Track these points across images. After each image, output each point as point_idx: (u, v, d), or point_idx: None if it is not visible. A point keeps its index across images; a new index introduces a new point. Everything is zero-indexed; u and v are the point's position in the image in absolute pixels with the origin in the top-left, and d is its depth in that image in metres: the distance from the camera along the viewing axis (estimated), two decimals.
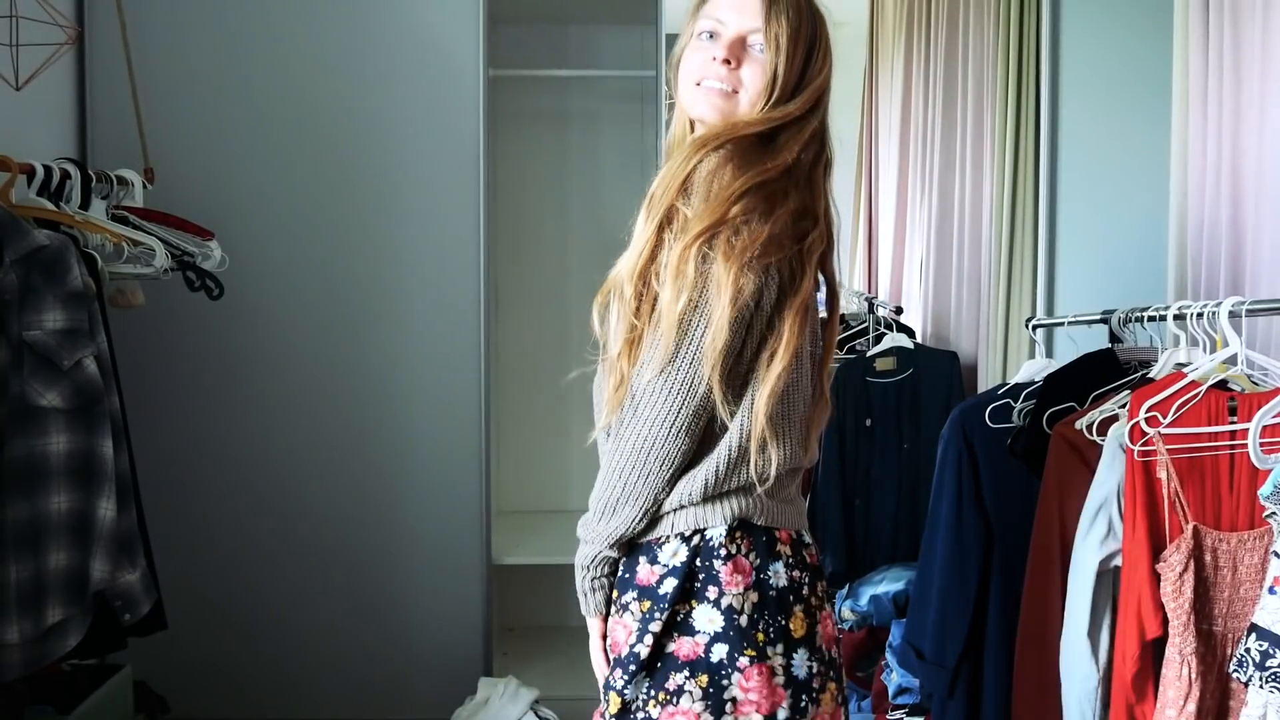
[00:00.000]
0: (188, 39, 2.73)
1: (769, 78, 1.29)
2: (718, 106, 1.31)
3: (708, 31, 1.32)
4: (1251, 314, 1.58)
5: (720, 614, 1.29)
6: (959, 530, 1.95)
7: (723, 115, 1.30)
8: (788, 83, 1.30)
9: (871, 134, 3.83)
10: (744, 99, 1.31)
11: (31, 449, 1.71)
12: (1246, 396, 1.55)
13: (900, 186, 3.57)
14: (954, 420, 2.00)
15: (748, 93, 1.30)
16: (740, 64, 1.30)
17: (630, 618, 1.31)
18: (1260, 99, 2.00)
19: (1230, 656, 1.46)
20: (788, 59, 1.29)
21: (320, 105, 2.77)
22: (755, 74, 1.30)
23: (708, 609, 1.29)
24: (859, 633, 2.84)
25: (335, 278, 2.80)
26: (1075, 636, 1.62)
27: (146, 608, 1.92)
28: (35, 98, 2.39)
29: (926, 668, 2.00)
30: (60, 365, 1.73)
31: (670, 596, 1.29)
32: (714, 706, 1.27)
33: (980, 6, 3.09)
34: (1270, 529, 1.46)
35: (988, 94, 3.06)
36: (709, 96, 1.31)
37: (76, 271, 1.78)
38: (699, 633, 1.29)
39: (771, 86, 1.29)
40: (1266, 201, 1.97)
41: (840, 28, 4.59)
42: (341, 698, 2.86)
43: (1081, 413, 1.76)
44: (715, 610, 1.29)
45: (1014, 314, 2.94)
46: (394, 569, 2.86)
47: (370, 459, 2.83)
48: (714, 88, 1.31)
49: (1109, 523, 1.60)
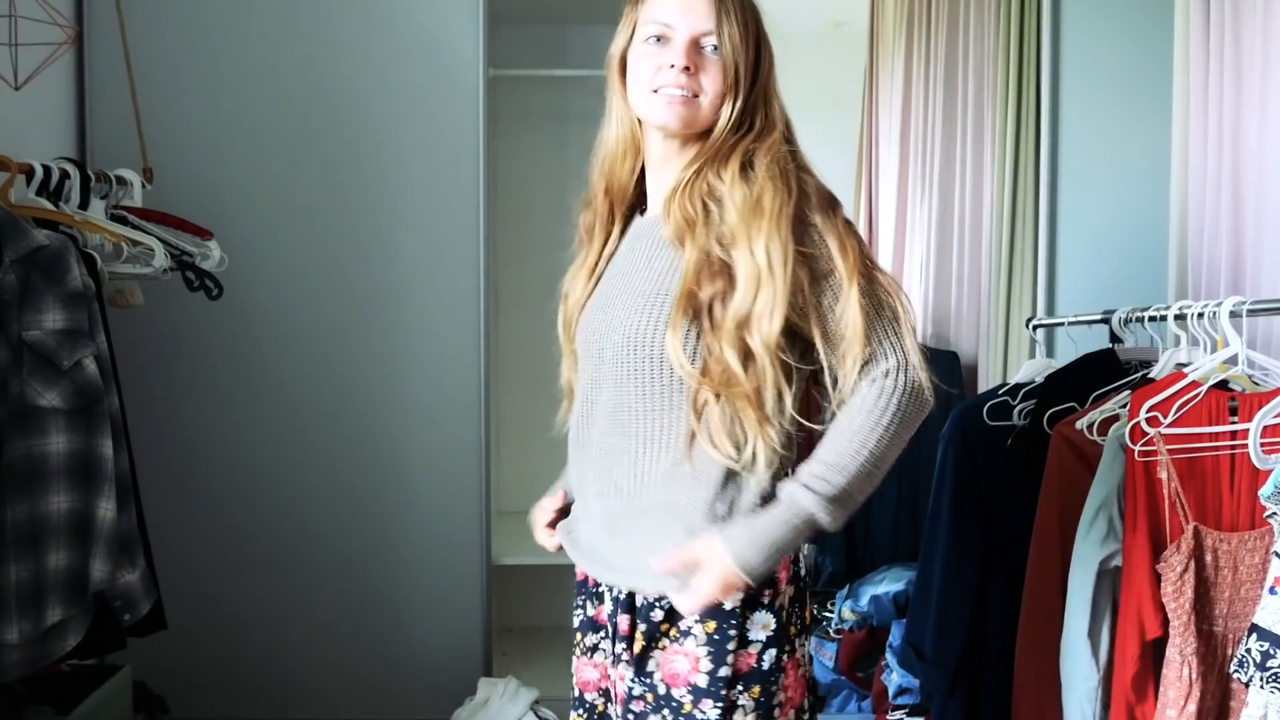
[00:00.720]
0: (187, 39, 2.73)
1: (730, 79, 1.28)
2: (680, 114, 1.29)
3: (654, 35, 1.29)
4: (1252, 314, 1.58)
5: (772, 616, 1.25)
6: (959, 530, 1.95)
7: (685, 121, 1.29)
8: (747, 81, 1.29)
9: (871, 134, 3.83)
10: (705, 103, 1.29)
11: (31, 449, 1.71)
12: (1247, 396, 1.54)
13: (900, 186, 3.57)
14: (954, 420, 2.00)
15: (709, 96, 1.29)
16: (698, 69, 1.28)
17: (694, 643, 1.24)
18: (1260, 99, 2.00)
19: (1231, 657, 1.46)
20: (745, 57, 1.29)
21: (320, 105, 2.77)
22: (714, 77, 1.28)
23: (762, 614, 1.25)
24: (859, 633, 2.84)
25: (335, 278, 2.79)
26: (1075, 636, 1.62)
27: (146, 608, 1.92)
28: (34, 97, 2.39)
29: (926, 668, 1.99)
30: (60, 365, 1.73)
31: (736, 610, 1.23)
32: (764, 715, 1.24)
33: (980, 6, 3.09)
34: (1271, 529, 1.45)
35: (988, 94, 3.06)
36: (671, 105, 1.28)
37: (76, 271, 1.78)
38: (753, 642, 1.24)
39: (735, 87, 1.28)
40: (1266, 201, 1.97)
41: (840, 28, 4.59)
42: (341, 698, 2.86)
43: (1082, 413, 1.76)
44: (769, 614, 1.25)
45: (1014, 314, 2.94)
46: (394, 569, 2.86)
47: (370, 459, 2.83)
48: (675, 95, 1.28)
49: (1109, 523, 1.59)
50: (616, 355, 1.29)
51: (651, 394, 1.27)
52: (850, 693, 2.94)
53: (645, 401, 1.28)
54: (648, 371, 1.27)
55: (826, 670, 2.97)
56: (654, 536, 1.26)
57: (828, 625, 2.93)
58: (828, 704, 2.99)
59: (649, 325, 1.27)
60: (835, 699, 2.96)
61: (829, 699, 2.99)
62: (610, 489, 1.32)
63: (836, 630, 2.90)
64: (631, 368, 1.28)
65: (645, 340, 1.27)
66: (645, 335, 1.27)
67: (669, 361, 1.25)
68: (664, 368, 1.26)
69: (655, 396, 1.27)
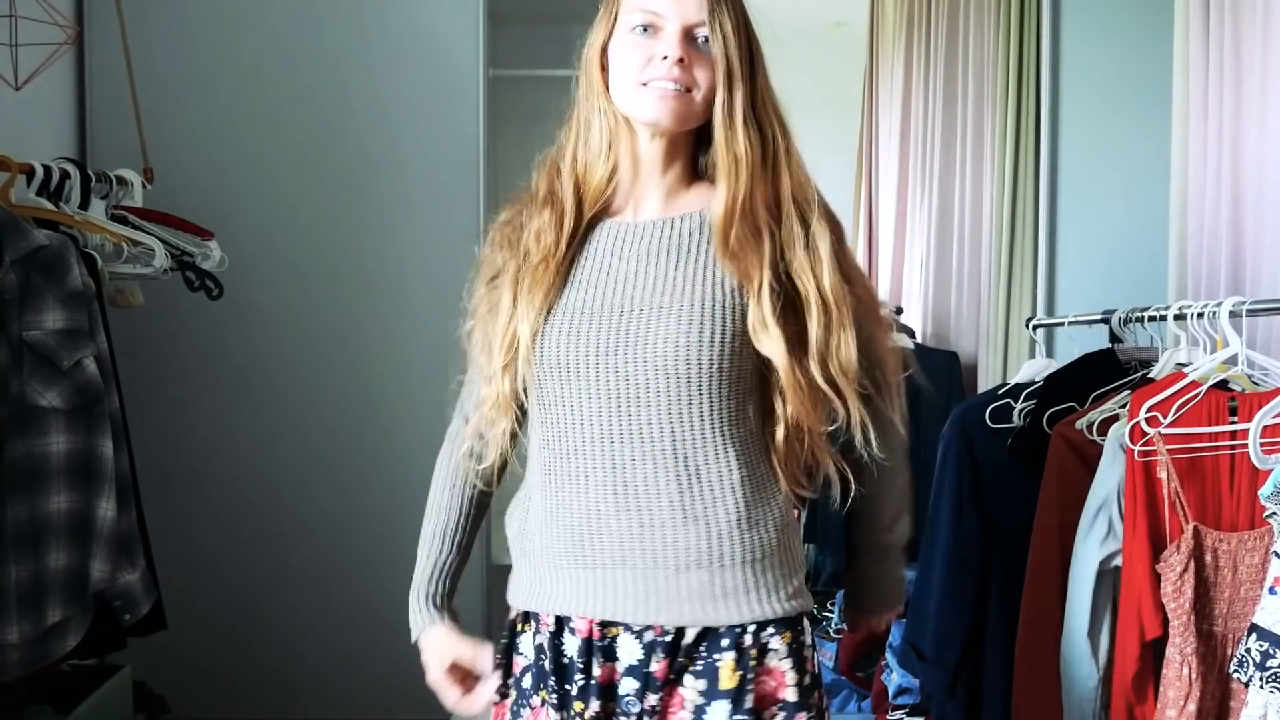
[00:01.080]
0: (187, 39, 2.72)
1: (723, 72, 1.20)
2: (673, 109, 1.20)
3: (641, 25, 1.22)
4: (1252, 314, 1.58)
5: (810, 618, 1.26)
6: (959, 530, 1.95)
7: (678, 116, 1.21)
8: (742, 75, 1.21)
9: (871, 134, 3.83)
10: (698, 97, 1.21)
11: (31, 449, 1.71)
12: (1247, 396, 1.55)
13: (900, 187, 3.57)
14: (954, 420, 2.00)
15: (701, 90, 1.21)
16: (691, 61, 1.20)
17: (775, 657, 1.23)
18: (1260, 99, 2.00)
19: (1230, 657, 1.46)
20: (738, 49, 1.20)
21: (320, 105, 2.77)
22: (707, 70, 1.20)
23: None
24: (859, 633, 2.84)
25: (335, 278, 2.79)
26: (1075, 636, 1.62)
27: (146, 608, 1.92)
28: (35, 98, 2.39)
29: (926, 668, 1.99)
30: (60, 365, 1.73)
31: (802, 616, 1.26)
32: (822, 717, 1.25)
33: (980, 7, 3.09)
34: (1270, 529, 1.45)
35: (988, 95, 3.06)
36: (664, 100, 1.20)
37: (76, 271, 1.78)
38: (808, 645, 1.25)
39: (729, 81, 1.20)
40: (1266, 201, 1.97)
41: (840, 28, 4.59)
42: (341, 698, 2.86)
43: (1082, 413, 1.76)
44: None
45: (1014, 314, 2.94)
46: (394, 568, 2.84)
47: (371, 458, 2.83)
48: (668, 89, 1.19)
49: (1109, 523, 1.60)
50: (660, 369, 1.18)
51: (703, 409, 1.19)
52: (850, 693, 2.94)
53: (693, 419, 1.19)
54: (704, 385, 1.18)
55: (826, 670, 2.97)
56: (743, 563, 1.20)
57: (828, 625, 2.93)
58: (828, 704, 2.99)
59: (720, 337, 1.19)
60: (835, 699, 2.97)
61: (829, 699, 2.99)
62: (651, 521, 1.20)
63: (836, 630, 2.90)
64: (683, 381, 1.18)
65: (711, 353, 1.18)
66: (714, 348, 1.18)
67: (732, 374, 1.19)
68: (724, 380, 1.19)
69: (708, 412, 1.19)
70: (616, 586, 1.21)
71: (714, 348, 1.18)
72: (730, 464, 1.20)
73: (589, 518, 1.22)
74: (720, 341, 1.18)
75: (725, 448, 1.19)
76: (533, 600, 1.29)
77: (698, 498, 1.19)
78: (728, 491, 1.19)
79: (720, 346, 1.18)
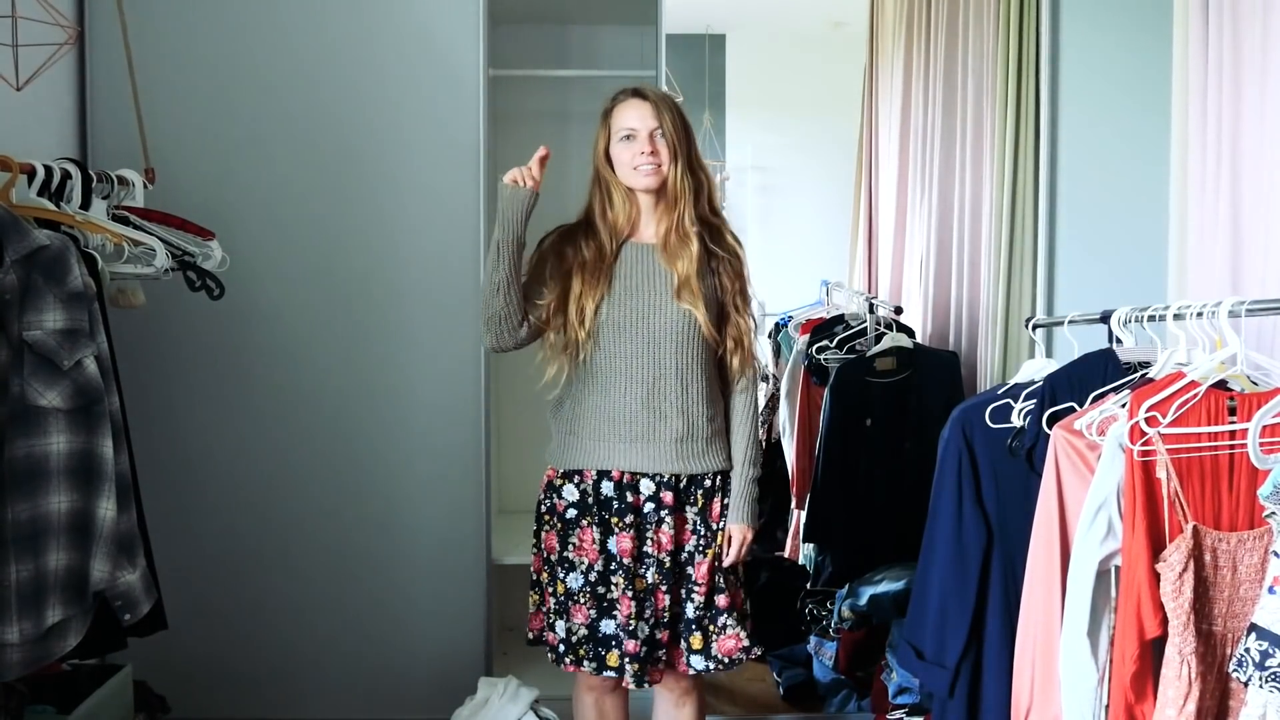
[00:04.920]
0: (188, 39, 2.73)
1: (671, 151, 2.11)
2: (654, 178, 2.12)
3: (625, 134, 2.11)
4: (1251, 314, 1.58)
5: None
6: (959, 530, 1.95)
7: (658, 182, 2.12)
8: (682, 150, 2.12)
9: (871, 134, 3.83)
10: (664, 167, 2.11)
11: (32, 449, 1.71)
12: (1246, 396, 1.55)
13: (900, 186, 3.57)
14: (954, 420, 2.00)
15: (664, 163, 2.11)
16: (656, 150, 2.10)
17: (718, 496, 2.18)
18: (1260, 99, 2.01)
19: (1230, 656, 1.46)
20: (676, 136, 2.11)
21: (321, 105, 2.77)
22: (666, 153, 2.11)
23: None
24: (859, 633, 2.84)
25: (335, 278, 2.80)
26: (1075, 636, 1.62)
27: (146, 608, 1.92)
28: (36, 98, 2.39)
29: (926, 668, 2.00)
30: (60, 365, 1.73)
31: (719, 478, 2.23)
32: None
33: (980, 7, 3.09)
34: (1270, 529, 1.46)
35: (988, 94, 3.06)
36: (648, 175, 2.11)
37: (77, 272, 1.78)
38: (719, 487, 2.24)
39: (674, 155, 2.11)
40: (1266, 201, 1.97)
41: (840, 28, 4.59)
42: (341, 697, 2.86)
43: (1081, 413, 1.76)
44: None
45: (1014, 314, 2.94)
46: (394, 569, 2.87)
47: (371, 458, 2.84)
48: (648, 168, 2.11)
49: (1109, 522, 1.60)
50: (680, 329, 2.11)
51: (695, 351, 2.13)
52: (850, 693, 2.94)
53: (689, 356, 2.12)
54: (695, 337, 2.12)
55: (826, 670, 2.97)
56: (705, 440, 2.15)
57: (828, 625, 2.93)
58: (828, 704, 2.99)
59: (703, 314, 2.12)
60: (835, 699, 2.96)
61: (829, 699, 2.99)
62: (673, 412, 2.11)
63: (836, 630, 2.90)
64: (687, 335, 2.12)
65: (700, 322, 2.11)
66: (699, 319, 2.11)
67: (708, 334, 2.13)
68: (701, 336, 2.13)
69: (697, 353, 2.13)
70: (640, 451, 2.12)
71: (699, 318, 2.12)
72: (703, 383, 2.15)
73: (626, 411, 2.12)
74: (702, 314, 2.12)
75: (701, 373, 2.14)
76: (583, 460, 2.14)
77: (688, 402, 2.12)
78: (701, 398, 2.14)
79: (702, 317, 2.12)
